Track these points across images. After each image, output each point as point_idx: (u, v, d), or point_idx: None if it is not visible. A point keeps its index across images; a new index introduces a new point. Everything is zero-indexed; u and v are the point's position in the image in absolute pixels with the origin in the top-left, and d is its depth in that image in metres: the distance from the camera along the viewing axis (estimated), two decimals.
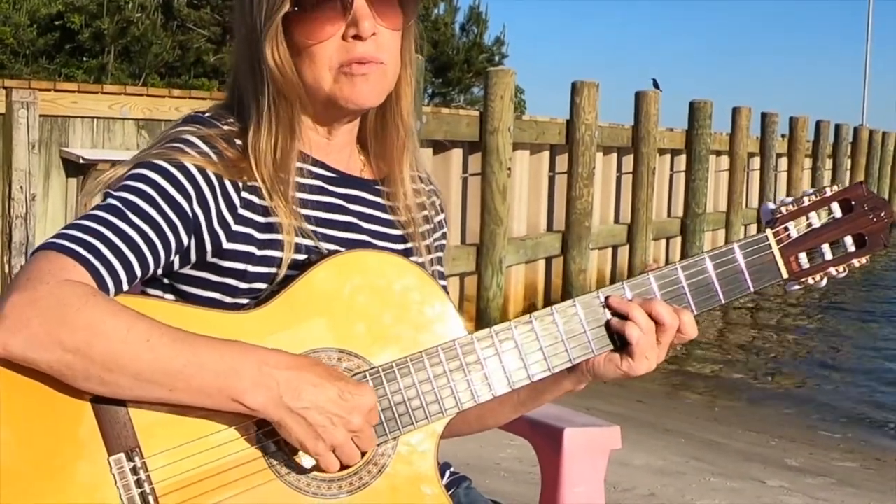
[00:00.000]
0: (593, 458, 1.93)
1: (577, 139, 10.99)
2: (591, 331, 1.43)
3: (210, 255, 1.41)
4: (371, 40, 1.42)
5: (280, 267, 1.41)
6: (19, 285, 1.24)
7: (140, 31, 13.06)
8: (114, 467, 1.27)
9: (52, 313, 1.22)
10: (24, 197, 7.24)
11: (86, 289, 1.26)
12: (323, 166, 1.51)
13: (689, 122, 14.07)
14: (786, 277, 1.49)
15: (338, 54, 1.42)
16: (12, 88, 7.21)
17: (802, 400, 8.29)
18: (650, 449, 5.82)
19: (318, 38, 1.41)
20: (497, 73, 9.85)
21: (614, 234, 12.62)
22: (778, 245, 1.48)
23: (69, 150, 7.51)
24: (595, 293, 1.44)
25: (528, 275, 11.04)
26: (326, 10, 1.41)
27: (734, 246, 1.47)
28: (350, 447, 1.30)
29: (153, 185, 1.36)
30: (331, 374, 1.30)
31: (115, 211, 1.33)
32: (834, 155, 20.69)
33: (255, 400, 1.26)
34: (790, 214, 1.48)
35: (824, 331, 11.59)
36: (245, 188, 1.42)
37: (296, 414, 1.27)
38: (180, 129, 1.44)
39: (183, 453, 1.29)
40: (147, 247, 1.33)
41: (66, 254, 1.27)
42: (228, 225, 1.40)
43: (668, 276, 1.46)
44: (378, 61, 1.43)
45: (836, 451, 6.57)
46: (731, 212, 15.62)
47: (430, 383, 1.38)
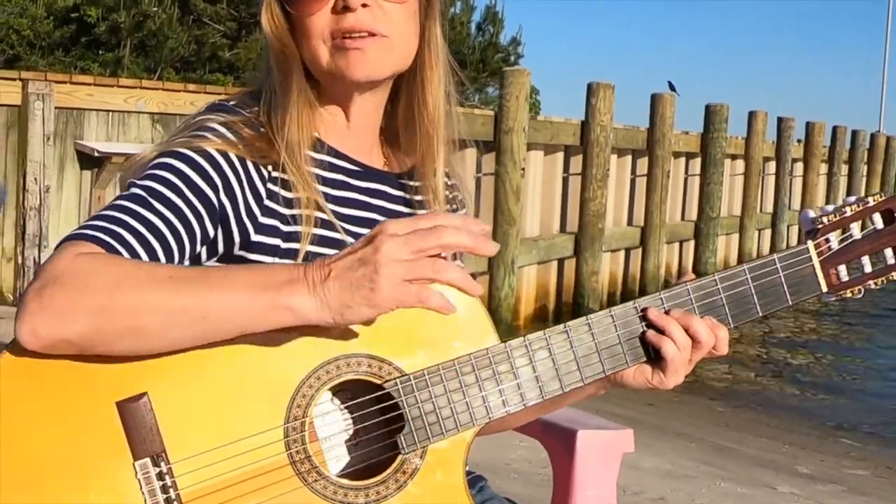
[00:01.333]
0: (606, 460, 1.92)
1: (592, 140, 10.97)
2: (626, 342, 1.40)
3: (238, 248, 1.39)
4: (364, 11, 1.38)
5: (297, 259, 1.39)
6: (39, 274, 1.22)
7: (156, 25, 13.10)
8: (139, 472, 1.25)
9: (70, 285, 1.19)
10: (38, 189, 7.26)
11: (97, 254, 1.23)
12: (345, 158, 1.49)
13: (705, 126, 14.03)
14: (825, 291, 1.46)
15: (328, 26, 1.39)
16: (28, 80, 7.24)
17: (814, 406, 8.25)
18: (660, 452, 5.79)
19: (309, 11, 1.40)
20: (512, 73, 9.84)
21: (627, 236, 12.59)
22: (819, 258, 1.44)
23: (84, 142, 7.52)
24: (632, 303, 1.41)
25: (541, 276, 11.03)
26: None
27: (774, 258, 1.44)
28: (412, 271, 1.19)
29: (177, 173, 1.34)
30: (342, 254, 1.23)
31: (138, 199, 1.31)
32: (850, 161, 20.60)
33: (296, 301, 1.19)
34: (831, 225, 1.44)
35: (837, 337, 11.55)
36: (270, 179, 1.40)
37: (331, 280, 1.19)
38: (203, 117, 1.42)
39: (209, 459, 1.27)
40: (171, 234, 1.31)
41: (90, 241, 1.26)
42: (255, 217, 1.39)
43: (705, 288, 1.42)
44: (375, 32, 1.39)
45: (847, 459, 6.53)
46: (745, 216, 15.57)
47: (461, 392, 1.34)
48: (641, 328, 1.41)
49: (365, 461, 1.36)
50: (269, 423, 1.29)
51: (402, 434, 1.32)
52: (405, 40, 1.44)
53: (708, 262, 13.80)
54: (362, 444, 1.37)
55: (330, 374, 1.31)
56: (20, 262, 7.27)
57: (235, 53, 14.61)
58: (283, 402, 1.30)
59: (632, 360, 1.41)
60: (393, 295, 1.19)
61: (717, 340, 1.41)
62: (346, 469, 1.36)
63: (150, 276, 1.20)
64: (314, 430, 1.33)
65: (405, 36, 1.44)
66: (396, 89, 1.51)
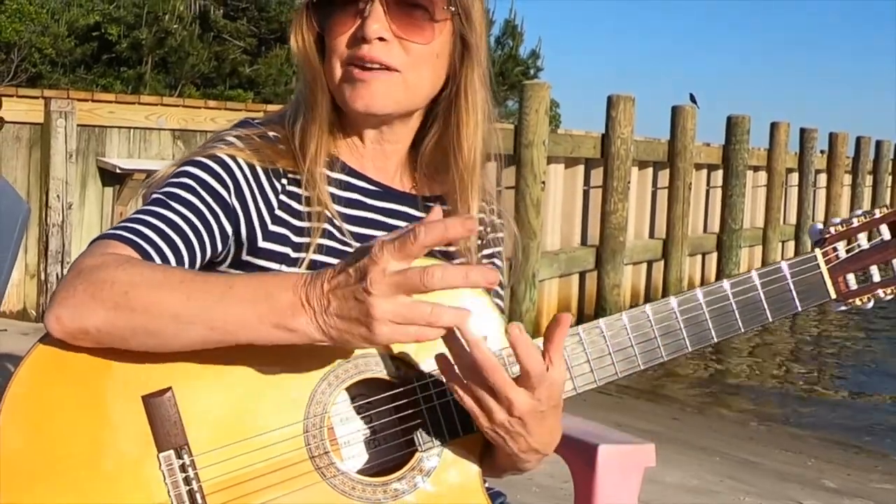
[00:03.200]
0: (627, 475, 1.90)
1: (613, 153, 10.95)
2: (637, 345, 1.43)
3: (245, 252, 1.43)
4: (380, 44, 1.41)
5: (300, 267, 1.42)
6: (70, 269, 1.30)
7: (177, 42, 13.21)
8: (163, 464, 1.28)
9: (93, 280, 1.25)
10: (60, 205, 7.31)
11: (122, 256, 1.29)
12: (362, 178, 1.51)
13: (727, 137, 13.98)
14: (833, 297, 1.48)
15: (345, 52, 1.43)
16: (51, 98, 7.31)
17: (840, 420, 8.17)
18: (684, 467, 5.75)
19: (333, 33, 1.44)
20: (532, 86, 9.84)
21: (649, 249, 12.54)
22: (826, 265, 1.47)
23: (106, 159, 7.58)
24: (641, 308, 1.44)
25: (562, 289, 11.00)
26: (344, 7, 1.43)
27: (782, 264, 1.47)
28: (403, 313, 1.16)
29: (192, 177, 1.40)
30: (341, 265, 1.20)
31: (158, 202, 1.38)
32: (874, 172, 20.48)
33: (295, 324, 1.19)
34: (838, 235, 1.48)
35: (863, 350, 11.44)
36: (284, 191, 1.44)
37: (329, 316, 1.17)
38: (225, 131, 1.49)
39: (231, 453, 1.30)
40: (191, 230, 1.36)
41: (116, 239, 1.32)
42: (266, 223, 1.43)
43: (715, 293, 1.45)
44: (386, 66, 1.42)
45: (874, 473, 6.46)
46: (768, 228, 15.49)
47: None
48: (653, 332, 1.43)
49: (382, 458, 1.39)
50: (289, 419, 1.33)
51: (418, 432, 1.36)
52: (421, 80, 1.45)
53: (731, 274, 13.61)
54: (380, 441, 1.39)
55: (348, 373, 1.35)
56: (43, 278, 7.31)
57: (255, 69, 14.70)
58: (303, 399, 1.33)
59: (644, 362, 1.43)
60: (389, 338, 1.18)
61: None
62: (363, 465, 1.38)
63: (166, 279, 1.25)
64: (332, 426, 1.36)
65: (421, 76, 1.45)
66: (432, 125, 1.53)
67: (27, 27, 13.02)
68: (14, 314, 7.11)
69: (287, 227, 1.44)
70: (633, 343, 1.43)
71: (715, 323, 1.45)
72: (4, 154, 7.19)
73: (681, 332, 1.44)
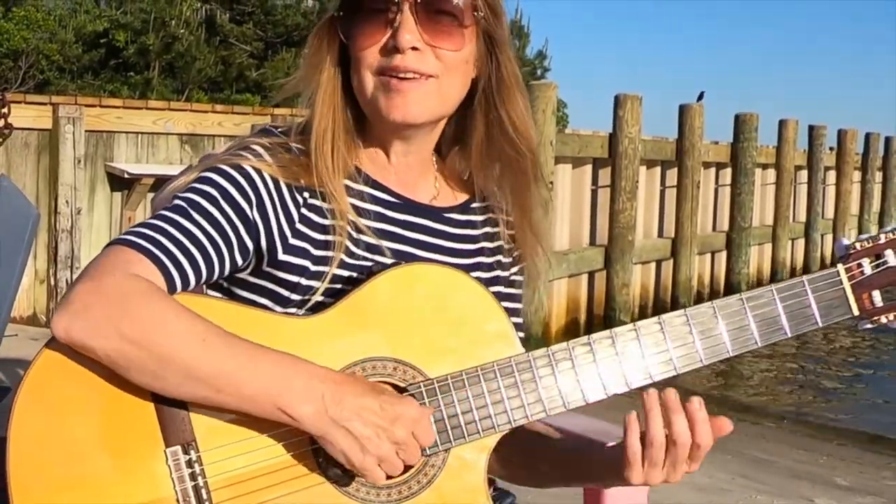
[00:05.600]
0: None
1: (620, 152, 10.93)
2: (650, 356, 1.42)
3: (266, 264, 1.43)
4: (413, 54, 1.42)
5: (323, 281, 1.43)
6: (88, 275, 1.29)
7: (184, 46, 13.24)
8: (170, 459, 1.31)
9: (115, 304, 1.26)
10: (69, 211, 7.33)
11: (150, 285, 1.29)
12: (384, 190, 1.51)
13: (735, 135, 13.94)
14: (856, 314, 1.45)
15: (378, 62, 1.43)
16: (59, 104, 7.33)
17: (852, 418, 8.14)
18: None
19: (362, 45, 1.44)
20: (539, 86, 9.82)
21: (658, 248, 12.51)
22: (850, 281, 1.45)
23: (114, 164, 7.61)
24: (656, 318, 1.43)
25: (571, 289, 10.98)
26: (373, 18, 1.43)
27: (803, 279, 1.44)
28: (394, 459, 1.30)
29: (215, 185, 1.40)
30: (374, 387, 1.31)
31: (179, 210, 1.38)
32: (884, 168, 20.38)
33: (300, 410, 1.27)
34: (864, 251, 1.45)
35: (875, 348, 11.39)
36: (305, 205, 1.44)
37: (340, 426, 1.27)
38: (249, 139, 1.48)
39: (237, 450, 1.32)
40: (210, 244, 1.37)
41: (134, 248, 1.32)
42: (286, 236, 1.43)
43: (731, 307, 1.43)
44: (421, 74, 1.43)
45: (887, 471, 6.44)
46: (777, 226, 15.44)
47: (483, 398, 1.38)
48: (667, 344, 1.41)
49: None
50: None
51: (423, 442, 1.35)
52: (453, 87, 1.47)
53: (741, 272, 13.69)
54: None
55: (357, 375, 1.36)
56: (52, 283, 7.34)
57: (262, 73, 14.72)
58: None
59: (658, 373, 1.42)
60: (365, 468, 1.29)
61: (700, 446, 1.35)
62: None
63: (188, 330, 1.27)
64: None
65: (454, 82, 1.47)
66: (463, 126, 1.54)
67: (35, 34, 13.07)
68: (24, 319, 7.13)
69: (307, 240, 1.44)
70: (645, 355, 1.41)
71: (731, 336, 1.43)
72: (13, 160, 7.22)
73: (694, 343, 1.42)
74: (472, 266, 1.54)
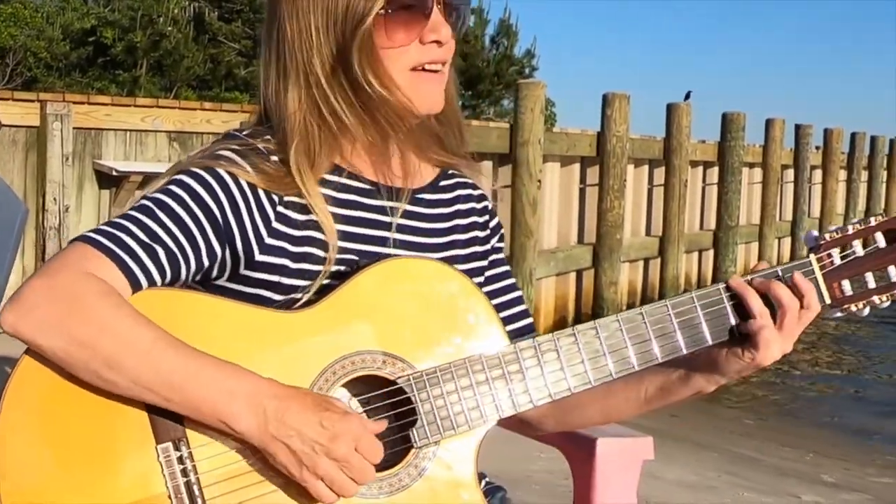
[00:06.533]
0: (626, 468, 1.91)
1: (608, 151, 10.96)
2: (634, 346, 1.45)
3: (242, 267, 1.43)
4: (444, 47, 1.46)
5: (315, 279, 1.42)
6: (44, 271, 1.30)
7: (172, 44, 13.21)
8: (160, 455, 1.31)
9: (66, 302, 1.26)
10: (57, 208, 7.31)
11: (105, 286, 1.29)
12: (359, 178, 1.50)
13: (722, 134, 14.00)
14: (828, 303, 1.49)
15: (414, 58, 1.45)
16: (47, 101, 7.30)
17: (838, 415, 8.19)
18: (683, 463, 5.76)
19: (400, 42, 1.43)
20: (527, 85, 9.85)
21: (646, 246, 12.56)
22: (821, 270, 1.48)
23: (102, 162, 7.58)
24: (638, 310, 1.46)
25: (559, 287, 11.01)
26: (411, 14, 1.43)
27: (778, 270, 1.47)
28: (339, 477, 1.30)
29: (185, 187, 1.39)
30: (318, 403, 1.31)
31: (145, 210, 1.37)
32: (870, 167, 20.48)
33: (241, 425, 1.29)
34: (833, 241, 1.49)
35: (861, 344, 11.46)
36: (282, 203, 1.43)
37: (278, 441, 1.29)
38: (218, 145, 1.46)
39: (227, 446, 1.32)
40: (174, 244, 1.36)
41: (94, 245, 1.32)
42: (262, 237, 1.42)
43: (710, 296, 1.47)
44: (446, 64, 1.48)
45: (872, 467, 6.48)
46: (764, 224, 15.51)
47: (472, 390, 1.40)
48: (648, 334, 1.45)
49: None
50: None
51: (414, 429, 1.38)
52: (449, 72, 1.52)
53: (728, 271, 13.73)
54: (377, 437, 1.39)
55: (346, 370, 1.37)
56: None
57: (251, 71, 14.69)
58: None
59: (640, 364, 1.46)
60: (306, 483, 1.30)
61: (805, 297, 1.44)
62: None
63: (137, 337, 1.28)
64: None
65: (450, 68, 1.52)
66: None
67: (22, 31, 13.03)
68: None
69: (285, 238, 1.43)
70: (628, 344, 1.45)
71: (710, 325, 1.46)
72: (1, 158, 7.20)
73: (675, 334, 1.46)
74: (447, 244, 1.55)
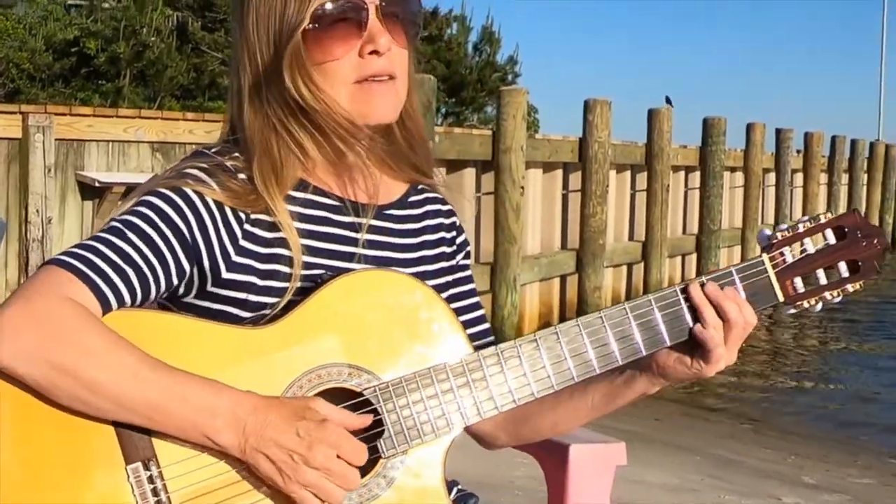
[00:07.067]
0: (599, 474, 1.93)
1: (591, 157, 11.01)
2: (595, 349, 1.47)
3: (210, 284, 1.43)
4: (386, 56, 1.45)
5: (282, 296, 1.43)
6: (18, 296, 1.30)
7: (155, 54, 13.17)
8: (131, 476, 1.31)
9: (45, 329, 1.27)
10: (40, 220, 7.29)
11: (82, 311, 1.30)
12: (327, 195, 1.51)
13: (703, 139, 14.07)
14: (782, 301, 1.51)
15: (354, 71, 1.45)
16: (28, 113, 7.29)
17: (819, 417, 8.24)
18: (665, 467, 5.80)
19: (335, 56, 1.44)
20: (509, 92, 9.88)
21: (629, 251, 12.61)
22: (774, 269, 1.50)
23: (85, 173, 7.56)
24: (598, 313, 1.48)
25: (543, 293, 11.05)
26: (344, 27, 1.43)
27: (731, 269, 1.50)
28: (323, 484, 1.32)
29: (153, 207, 1.40)
30: (296, 412, 1.33)
31: (114, 231, 1.38)
32: (850, 170, 20.61)
33: (223, 440, 1.31)
34: (785, 240, 1.51)
35: (839, 347, 11.53)
36: (248, 220, 1.44)
37: (259, 453, 1.31)
38: (185, 163, 1.47)
39: (198, 463, 1.33)
40: (145, 264, 1.37)
41: (67, 269, 1.32)
42: (229, 255, 1.43)
43: (667, 298, 1.49)
44: (393, 76, 1.47)
45: (853, 468, 6.52)
46: (746, 228, 15.59)
47: (437, 399, 1.42)
48: (608, 337, 1.47)
49: None
50: None
51: (381, 439, 1.39)
52: (405, 82, 1.51)
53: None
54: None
55: (312, 383, 1.38)
56: None
57: None
58: None
59: (601, 366, 1.48)
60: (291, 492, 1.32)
61: (745, 316, 1.47)
62: None
63: (118, 362, 1.29)
64: None
65: (406, 79, 1.51)
66: None
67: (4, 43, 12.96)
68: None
69: (252, 256, 1.44)
70: (589, 349, 1.46)
71: (668, 327, 1.48)
72: None
73: (635, 336, 1.48)
74: (416, 260, 1.56)
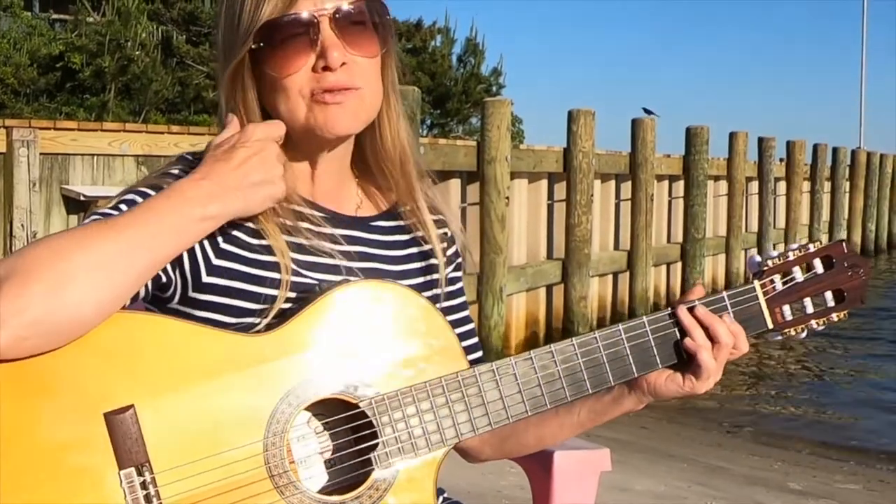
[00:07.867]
0: (583, 480, 1.95)
1: (575, 167, 11.04)
2: (588, 370, 1.48)
3: (192, 289, 1.43)
4: (342, 69, 1.43)
5: (271, 304, 1.42)
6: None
7: (140, 68, 13.15)
8: (124, 481, 1.30)
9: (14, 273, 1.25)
10: (24, 234, 7.27)
11: (33, 243, 1.30)
12: (312, 206, 1.52)
13: (686, 148, 14.13)
14: (770, 328, 1.54)
15: (308, 85, 1.43)
16: (13, 128, 7.28)
17: (805, 423, 8.27)
18: (653, 474, 5.82)
19: (287, 72, 1.43)
20: (494, 103, 9.91)
21: (614, 260, 12.64)
22: (765, 296, 1.53)
23: (70, 187, 7.56)
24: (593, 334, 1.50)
25: (529, 303, 11.06)
26: (294, 44, 1.41)
27: (723, 295, 1.52)
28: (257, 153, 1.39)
29: (131, 205, 1.39)
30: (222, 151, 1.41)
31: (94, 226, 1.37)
32: (832, 178, 20.72)
33: (213, 210, 1.36)
34: (775, 268, 1.54)
35: (826, 355, 11.58)
36: (231, 224, 1.43)
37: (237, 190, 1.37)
38: (168, 167, 1.48)
39: (192, 470, 1.32)
40: None
41: None
42: (209, 258, 1.43)
43: (660, 321, 1.51)
44: (352, 87, 1.44)
45: (839, 474, 6.55)
46: (730, 236, 15.65)
47: (432, 413, 1.42)
48: (602, 358, 1.48)
49: (340, 477, 1.42)
50: (250, 438, 1.35)
51: (375, 452, 1.39)
52: (375, 92, 1.49)
53: (696, 283, 13.81)
54: (338, 460, 1.42)
55: (307, 392, 1.38)
56: None
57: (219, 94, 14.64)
58: (264, 418, 1.36)
59: (594, 386, 1.49)
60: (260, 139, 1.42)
61: (737, 339, 1.50)
62: (322, 484, 1.41)
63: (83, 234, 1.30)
64: (292, 446, 1.39)
65: (375, 88, 1.49)
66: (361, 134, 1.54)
67: None
68: None
69: (235, 259, 1.43)
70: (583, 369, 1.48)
71: (660, 350, 1.50)
72: None
73: (628, 358, 1.49)
74: (403, 273, 1.56)
